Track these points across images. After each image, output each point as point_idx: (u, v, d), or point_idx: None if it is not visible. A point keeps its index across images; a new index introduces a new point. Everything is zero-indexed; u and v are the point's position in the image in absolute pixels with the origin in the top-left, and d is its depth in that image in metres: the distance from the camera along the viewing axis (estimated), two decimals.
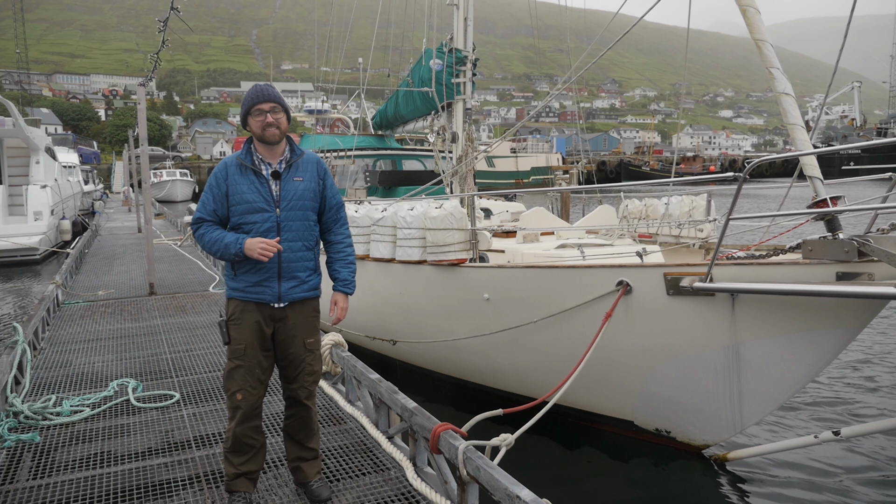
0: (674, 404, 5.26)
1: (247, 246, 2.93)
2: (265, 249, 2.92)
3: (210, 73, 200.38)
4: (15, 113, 18.14)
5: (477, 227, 6.51)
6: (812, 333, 4.41)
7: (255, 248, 2.92)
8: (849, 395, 6.93)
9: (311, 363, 3.18)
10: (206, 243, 3.05)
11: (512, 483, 2.81)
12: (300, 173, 3.11)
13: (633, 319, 5.11)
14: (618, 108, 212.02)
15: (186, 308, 8.36)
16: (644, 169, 68.42)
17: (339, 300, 3.26)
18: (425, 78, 9.89)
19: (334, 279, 3.27)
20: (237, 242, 2.95)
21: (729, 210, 4.37)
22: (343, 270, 3.26)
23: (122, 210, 32.58)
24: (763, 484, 5.03)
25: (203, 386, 5.23)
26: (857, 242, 4.00)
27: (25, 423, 4.36)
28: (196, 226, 3.10)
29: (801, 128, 4.56)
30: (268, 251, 2.92)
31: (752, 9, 4.80)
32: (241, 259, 2.98)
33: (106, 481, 3.54)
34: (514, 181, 44.42)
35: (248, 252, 2.93)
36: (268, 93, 3.05)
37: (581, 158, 13.17)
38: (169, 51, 12.08)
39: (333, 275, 3.28)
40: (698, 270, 4.69)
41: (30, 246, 16.76)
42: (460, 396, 7.01)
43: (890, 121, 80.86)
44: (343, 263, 3.27)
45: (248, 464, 3.13)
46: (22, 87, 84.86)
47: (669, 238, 7.78)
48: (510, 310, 5.91)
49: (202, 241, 3.07)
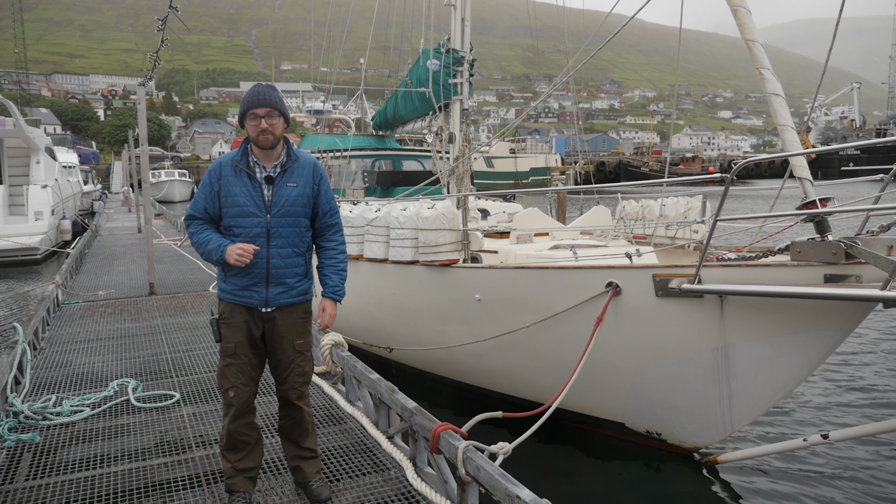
0: (664, 406, 5.28)
1: (227, 253, 2.95)
2: (241, 256, 2.92)
3: (209, 74, 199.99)
4: (15, 113, 18.18)
5: (469, 228, 6.52)
6: (801, 336, 4.41)
7: (232, 255, 2.93)
8: (838, 398, 6.95)
9: (300, 364, 3.18)
10: (195, 243, 3.09)
11: (512, 483, 2.82)
12: (294, 178, 3.08)
13: (622, 321, 5.12)
14: (617, 108, 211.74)
15: (186, 308, 8.41)
16: (643, 169, 68.41)
17: (327, 307, 3.25)
18: (423, 78, 9.94)
19: (323, 285, 3.26)
20: (219, 249, 2.97)
21: (716, 211, 4.38)
22: (334, 277, 3.25)
23: (122, 210, 32.59)
24: (753, 487, 5.06)
25: (203, 386, 5.26)
26: (845, 244, 3.98)
27: (25, 423, 4.39)
28: (188, 223, 3.12)
29: (790, 129, 4.55)
30: (243, 258, 2.92)
31: (742, 9, 4.81)
32: (224, 264, 3.01)
33: (106, 481, 3.57)
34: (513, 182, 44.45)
35: (227, 259, 2.95)
36: (264, 97, 2.99)
37: (579, 159, 13.21)
38: (168, 51, 12.13)
39: (323, 280, 3.26)
40: (687, 272, 4.70)
41: (30, 246, 16.80)
42: (459, 398, 7.04)
43: (889, 121, 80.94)
44: (334, 270, 3.25)
45: (245, 460, 3.16)
46: (21, 87, 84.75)
47: (665, 239, 7.81)
48: (501, 310, 5.95)
49: (192, 241, 3.12)
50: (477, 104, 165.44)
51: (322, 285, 3.28)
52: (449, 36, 9.66)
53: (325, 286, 3.26)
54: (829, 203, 4.26)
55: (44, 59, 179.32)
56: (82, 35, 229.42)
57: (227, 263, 2.98)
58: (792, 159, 4.42)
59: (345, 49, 14.05)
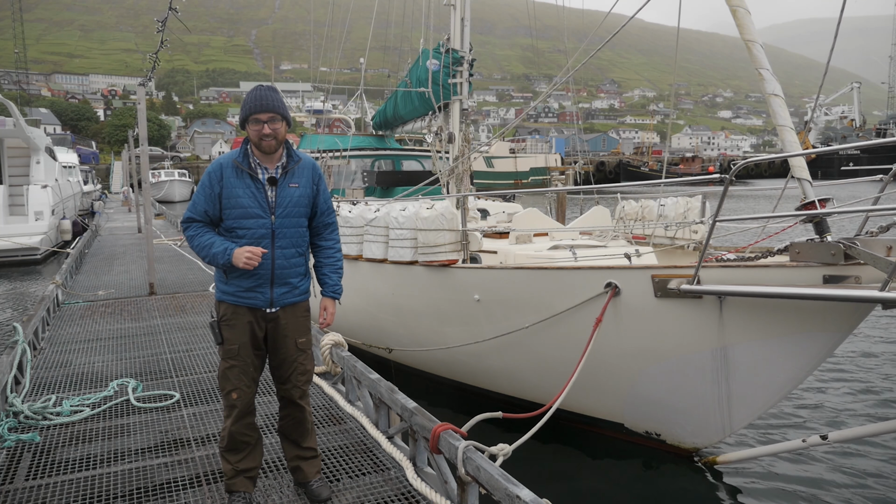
0: (663, 407, 5.27)
1: (235, 256, 2.92)
2: (250, 259, 2.91)
3: (209, 74, 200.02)
4: (16, 113, 18.20)
5: (468, 228, 6.52)
6: (800, 337, 4.41)
7: (240, 258, 2.92)
8: (837, 399, 6.95)
9: (303, 363, 3.21)
10: (196, 247, 3.04)
11: (512, 483, 2.82)
12: (296, 179, 3.10)
13: (621, 321, 5.12)
14: (617, 108, 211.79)
15: (186, 308, 8.41)
16: (643, 169, 68.44)
17: (328, 305, 3.27)
18: (422, 78, 9.94)
19: (323, 284, 3.27)
20: (225, 253, 2.94)
21: (715, 212, 4.37)
22: (333, 275, 3.27)
23: (122, 210, 32.59)
24: (752, 487, 5.06)
25: (203, 386, 5.27)
26: (844, 245, 3.98)
27: (25, 423, 4.40)
28: (185, 225, 3.08)
29: (790, 129, 4.54)
30: (252, 261, 2.92)
31: (741, 9, 4.80)
32: (230, 268, 2.99)
33: (106, 481, 3.58)
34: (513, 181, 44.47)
35: (235, 262, 2.93)
36: (267, 102, 2.99)
37: (578, 159, 13.22)
38: (168, 51, 12.13)
39: (322, 279, 3.28)
40: (685, 272, 4.69)
41: (31, 246, 16.81)
42: (458, 399, 7.04)
43: (889, 121, 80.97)
44: (332, 269, 3.28)
45: (246, 461, 3.17)
46: (21, 87, 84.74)
47: (664, 239, 7.81)
48: (500, 311, 5.95)
49: (192, 244, 3.06)
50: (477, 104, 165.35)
51: (321, 285, 3.29)
52: (448, 36, 9.67)
53: (326, 285, 3.28)
54: (828, 204, 4.25)
55: (44, 59, 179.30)
56: (82, 35, 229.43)
57: (232, 267, 2.97)
58: (791, 160, 4.41)
59: (344, 49, 14.04)
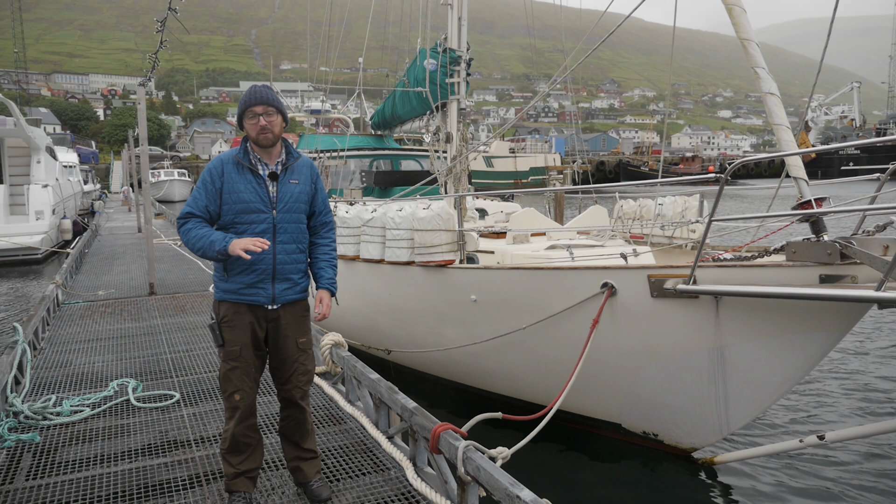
0: (660, 407, 5.28)
1: (232, 244, 2.89)
2: (255, 245, 2.86)
3: (209, 73, 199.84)
4: (16, 112, 18.23)
5: (464, 228, 6.51)
6: (796, 336, 4.41)
7: (242, 244, 2.87)
8: (834, 399, 6.96)
9: (303, 362, 3.22)
10: (192, 238, 2.97)
11: (512, 483, 2.82)
12: (296, 176, 3.15)
13: (618, 322, 5.12)
14: (617, 108, 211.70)
15: (186, 308, 8.43)
16: (643, 169, 68.39)
17: (324, 297, 3.27)
18: (420, 78, 9.96)
19: (319, 278, 3.30)
20: (223, 240, 2.91)
21: (711, 212, 4.37)
22: (329, 270, 3.30)
23: (122, 210, 32.60)
24: (749, 487, 5.07)
25: (203, 386, 5.29)
26: (840, 245, 3.97)
27: (25, 423, 4.41)
28: (183, 220, 3.04)
29: (786, 128, 4.54)
30: (257, 245, 2.87)
31: (737, 8, 4.81)
32: (224, 258, 2.94)
33: (106, 481, 3.59)
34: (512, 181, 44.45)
35: (232, 250, 2.88)
36: (261, 95, 3.03)
37: (577, 158, 13.21)
38: (167, 50, 12.16)
39: (319, 273, 3.30)
40: (682, 272, 4.68)
41: (31, 245, 16.83)
42: (458, 399, 7.05)
43: (889, 121, 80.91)
44: (329, 264, 3.31)
45: (247, 462, 3.18)
46: (20, 86, 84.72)
47: (662, 239, 7.81)
48: (497, 311, 5.95)
49: (187, 237, 2.99)
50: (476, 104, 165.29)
51: (317, 279, 3.32)
52: (445, 35, 9.68)
53: (321, 279, 3.30)
54: (824, 203, 4.25)
55: (43, 59, 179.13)
56: (82, 35, 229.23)
57: (224, 258, 2.94)
58: (787, 159, 4.40)
59: (343, 49, 14.06)
